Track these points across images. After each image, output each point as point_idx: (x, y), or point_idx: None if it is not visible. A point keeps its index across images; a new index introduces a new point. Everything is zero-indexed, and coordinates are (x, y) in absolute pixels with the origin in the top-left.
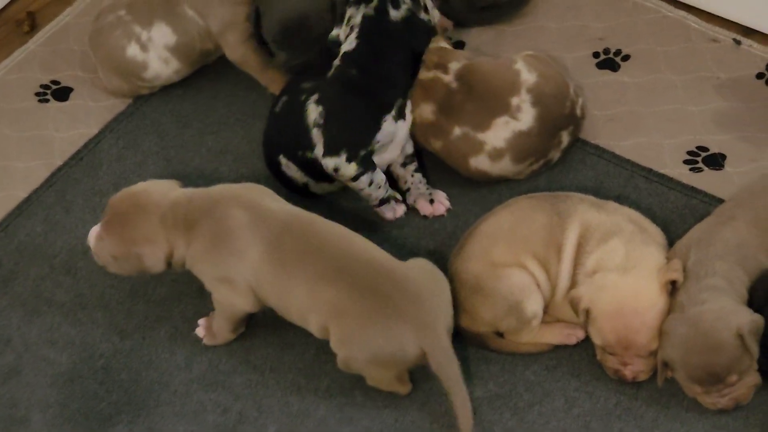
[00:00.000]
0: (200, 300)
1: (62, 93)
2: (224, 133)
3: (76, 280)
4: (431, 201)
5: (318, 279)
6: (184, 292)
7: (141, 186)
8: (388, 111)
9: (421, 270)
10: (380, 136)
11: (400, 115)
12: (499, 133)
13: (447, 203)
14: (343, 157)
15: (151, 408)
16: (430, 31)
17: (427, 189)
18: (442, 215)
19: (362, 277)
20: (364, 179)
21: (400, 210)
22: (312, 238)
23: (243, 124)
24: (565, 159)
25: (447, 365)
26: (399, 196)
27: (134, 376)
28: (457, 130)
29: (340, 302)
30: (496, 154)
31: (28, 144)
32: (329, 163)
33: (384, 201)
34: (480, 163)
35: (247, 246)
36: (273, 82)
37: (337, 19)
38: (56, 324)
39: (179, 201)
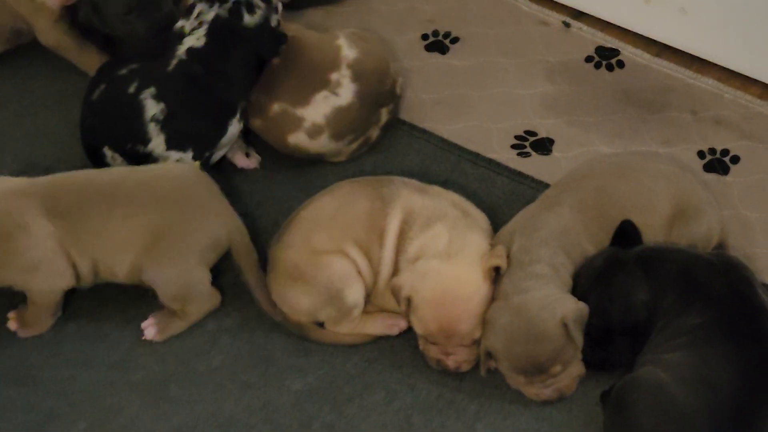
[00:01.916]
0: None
1: None
2: (42, 115)
3: None
4: (247, 154)
5: (114, 217)
6: None
7: None
8: (233, 114)
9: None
10: (225, 139)
11: (242, 116)
12: (318, 109)
13: (259, 156)
14: (189, 154)
15: None
16: (280, 38)
17: (245, 142)
18: (256, 168)
19: (146, 194)
20: None
21: None
22: (84, 185)
23: (62, 106)
24: (391, 143)
25: (246, 251)
26: None
27: None
28: (276, 107)
29: (148, 226)
30: (314, 131)
31: None
32: (172, 156)
33: None
34: (298, 139)
35: (29, 223)
36: (93, 65)
37: (183, 10)
38: None
39: None
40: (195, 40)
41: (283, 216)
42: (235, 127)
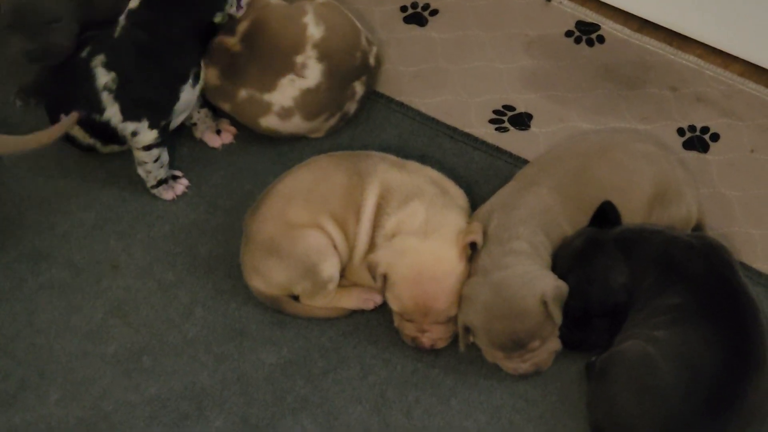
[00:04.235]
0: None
1: None
2: (17, 79)
3: None
4: (218, 132)
5: None
6: None
7: None
8: (185, 81)
9: None
10: (179, 106)
11: (196, 82)
12: (285, 93)
13: (233, 128)
14: (145, 123)
15: None
16: (216, 1)
17: (214, 121)
18: (232, 142)
19: None
20: (155, 152)
21: (180, 188)
22: None
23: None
24: (368, 117)
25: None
26: (178, 173)
27: None
28: (243, 93)
29: None
30: (285, 113)
31: None
32: (128, 127)
33: (162, 181)
34: (270, 122)
35: None
36: None
37: None
38: None
39: None
40: (131, 1)
41: (258, 188)
42: (188, 93)
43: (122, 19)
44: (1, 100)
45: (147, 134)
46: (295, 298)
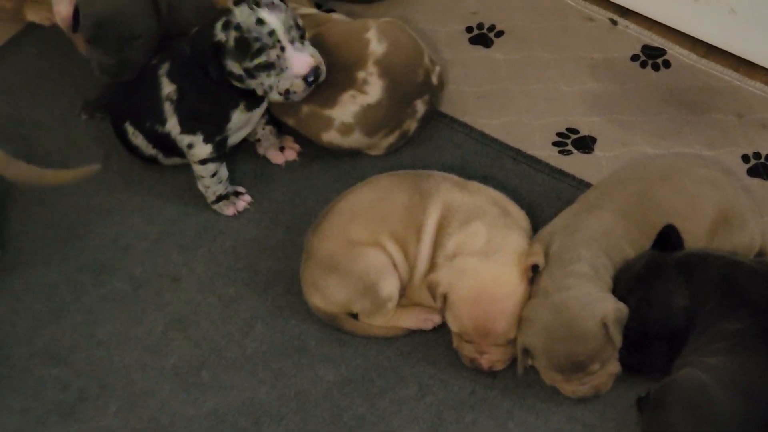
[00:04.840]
0: (37, 271)
1: None
2: (83, 93)
3: None
4: (281, 149)
5: None
6: (27, 261)
7: None
8: (234, 107)
9: None
10: (233, 125)
11: (251, 108)
12: (346, 109)
13: (297, 146)
14: (200, 137)
15: None
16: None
17: (278, 138)
18: (295, 159)
19: None
20: (212, 167)
21: (241, 204)
22: None
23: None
24: (431, 136)
25: (21, 167)
26: (241, 189)
27: None
28: (305, 109)
29: None
30: (345, 129)
31: None
32: (185, 139)
33: (222, 197)
34: (331, 137)
35: None
36: None
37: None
38: None
39: None
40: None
41: (320, 205)
42: (240, 115)
43: (192, 32)
44: (68, 113)
45: (202, 148)
46: (354, 316)
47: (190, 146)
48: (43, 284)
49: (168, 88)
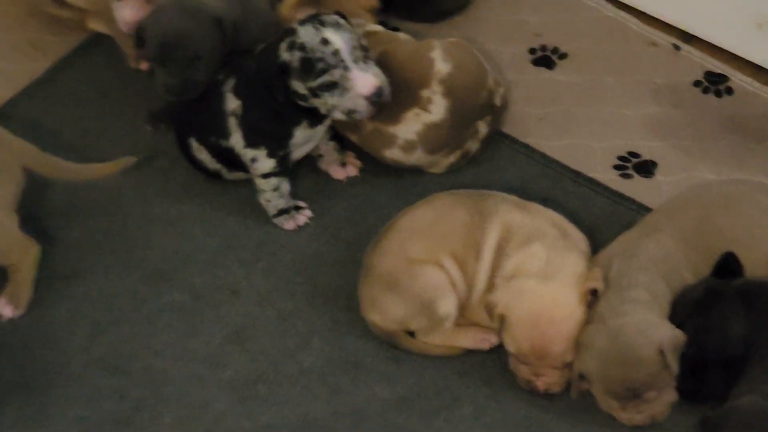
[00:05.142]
0: (97, 280)
1: None
2: (147, 104)
3: None
4: (343, 165)
5: None
6: (88, 270)
7: None
8: (297, 124)
9: None
10: (296, 141)
11: (314, 124)
12: (409, 127)
13: (358, 162)
14: (264, 152)
15: (44, 390)
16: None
17: (340, 154)
18: (356, 176)
19: None
20: (274, 181)
21: (302, 219)
22: None
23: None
24: (492, 157)
25: (57, 162)
26: (302, 204)
27: (29, 355)
28: (369, 125)
29: None
30: (408, 146)
31: None
32: (248, 153)
33: (283, 211)
34: (394, 154)
35: None
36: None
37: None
38: None
39: None
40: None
41: (380, 222)
42: (301, 133)
43: (258, 49)
44: (133, 123)
45: (265, 162)
46: (411, 333)
47: (253, 160)
48: (102, 293)
49: (233, 103)
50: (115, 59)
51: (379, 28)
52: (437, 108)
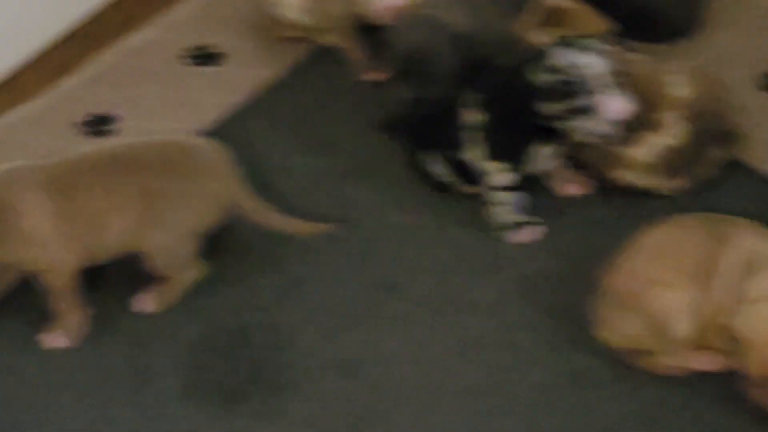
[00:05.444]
0: (330, 285)
1: (214, 57)
2: (378, 114)
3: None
4: (573, 183)
5: (109, 184)
6: (321, 276)
7: None
8: (539, 141)
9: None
10: (533, 157)
11: (554, 143)
12: (645, 149)
13: (589, 181)
14: (503, 165)
15: (279, 389)
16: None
17: (571, 172)
18: (584, 194)
19: (144, 161)
20: (509, 195)
21: (531, 234)
22: (80, 159)
23: None
24: (727, 184)
25: (259, 209)
26: (531, 219)
27: (265, 355)
28: (604, 146)
29: (141, 192)
30: (643, 168)
31: (177, 106)
32: (487, 166)
33: (514, 226)
34: (627, 175)
35: (28, 201)
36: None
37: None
38: (188, 292)
39: None
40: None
41: (607, 241)
42: (542, 150)
43: (503, 66)
44: (361, 133)
45: (503, 176)
46: (644, 352)
47: (491, 173)
48: (335, 298)
49: (472, 117)
50: (342, 69)
51: (618, 49)
52: (675, 131)
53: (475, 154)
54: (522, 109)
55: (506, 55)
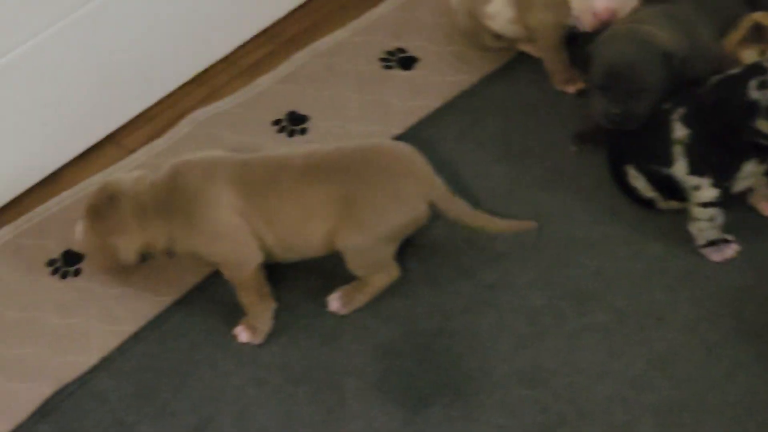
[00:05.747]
0: (521, 293)
1: (407, 62)
2: (572, 125)
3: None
4: None
5: (304, 186)
6: (512, 283)
7: (115, 177)
8: (749, 159)
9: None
10: (741, 174)
11: (764, 161)
12: None
13: None
14: (708, 181)
15: (469, 395)
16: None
17: None
18: None
19: (341, 164)
20: (711, 211)
21: (729, 252)
22: (274, 159)
23: None
24: None
25: (460, 207)
26: (730, 237)
27: (455, 360)
28: None
29: (338, 196)
30: None
31: (369, 109)
32: (691, 181)
33: (713, 242)
34: None
35: (218, 195)
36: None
37: None
38: (380, 294)
39: (142, 187)
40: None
41: None
42: (750, 167)
43: (712, 80)
44: (557, 142)
45: (708, 192)
46: None
47: (695, 188)
48: (526, 306)
49: (681, 131)
50: (541, 78)
51: None
52: None
53: (680, 169)
54: (737, 125)
55: (716, 73)
